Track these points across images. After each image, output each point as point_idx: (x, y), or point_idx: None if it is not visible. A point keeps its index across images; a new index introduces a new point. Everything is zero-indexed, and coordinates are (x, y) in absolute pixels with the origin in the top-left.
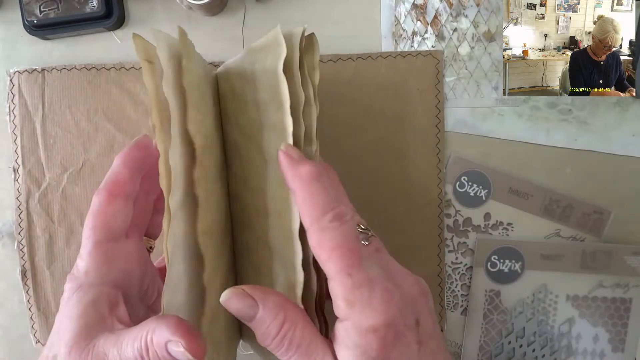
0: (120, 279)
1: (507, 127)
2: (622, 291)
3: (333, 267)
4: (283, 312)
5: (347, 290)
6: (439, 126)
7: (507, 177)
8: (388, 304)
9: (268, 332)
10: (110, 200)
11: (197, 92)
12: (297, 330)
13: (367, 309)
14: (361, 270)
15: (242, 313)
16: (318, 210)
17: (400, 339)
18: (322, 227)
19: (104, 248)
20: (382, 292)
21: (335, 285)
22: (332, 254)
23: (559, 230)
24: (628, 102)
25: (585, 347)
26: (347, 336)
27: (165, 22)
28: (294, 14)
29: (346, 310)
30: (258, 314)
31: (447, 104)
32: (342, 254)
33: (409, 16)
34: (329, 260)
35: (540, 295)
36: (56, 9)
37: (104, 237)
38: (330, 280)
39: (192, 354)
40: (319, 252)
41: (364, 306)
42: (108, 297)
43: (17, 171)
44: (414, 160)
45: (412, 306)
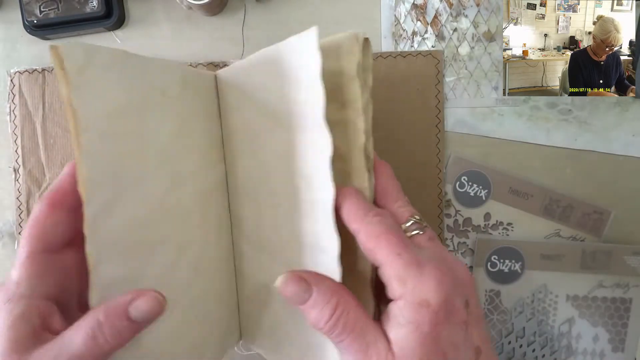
0: (54, 291)
1: (507, 127)
2: (622, 291)
3: (382, 252)
4: (336, 297)
5: (399, 268)
6: (439, 126)
7: (507, 177)
8: (440, 281)
9: (321, 316)
10: (51, 210)
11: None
12: (350, 314)
13: (419, 284)
14: (409, 251)
15: (295, 297)
16: (362, 212)
17: (450, 317)
18: (367, 222)
19: (38, 259)
20: (433, 271)
21: (386, 269)
22: (378, 241)
23: (559, 230)
24: (628, 102)
25: (585, 347)
26: (401, 314)
27: (165, 22)
28: (294, 14)
29: (399, 289)
30: (312, 297)
31: (447, 104)
32: (388, 239)
33: (409, 16)
34: (378, 247)
35: (540, 295)
36: (56, 9)
37: (39, 248)
38: (381, 267)
39: (159, 304)
40: (368, 244)
41: (415, 282)
42: (39, 309)
43: (17, 171)
44: (414, 160)
45: (462, 288)
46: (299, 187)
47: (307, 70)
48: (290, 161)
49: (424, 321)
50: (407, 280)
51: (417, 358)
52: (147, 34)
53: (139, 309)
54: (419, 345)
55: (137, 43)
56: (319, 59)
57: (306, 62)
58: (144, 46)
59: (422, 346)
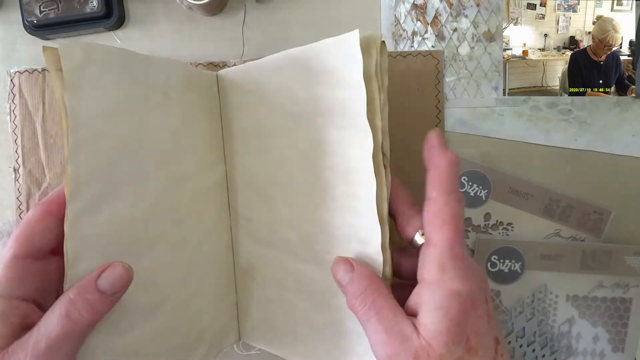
0: (33, 294)
1: (507, 127)
2: (622, 291)
3: (441, 235)
4: (369, 279)
5: (445, 258)
6: (439, 126)
7: (507, 177)
8: (471, 278)
9: (354, 292)
10: (44, 216)
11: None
12: (379, 297)
13: (455, 276)
14: (461, 246)
15: (341, 276)
16: (450, 188)
17: (476, 309)
18: (446, 201)
19: (20, 263)
20: (469, 267)
21: (434, 251)
22: (444, 224)
23: (559, 230)
24: (628, 102)
25: (585, 347)
26: (432, 298)
27: (165, 22)
28: (294, 14)
29: (437, 274)
30: (352, 277)
31: (447, 104)
32: (453, 229)
33: (409, 16)
34: (440, 229)
35: (540, 295)
36: (56, 9)
37: (23, 252)
38: (430, 246)
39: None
40: (434, 219)
41: (453, 274)
42: (19, 309)
43: (17, 171)
44: (414, 161)
45: (484, 286)
46: (331, 182)
47: (348, 71)
48: (317, 158)
49: (454, 308)
50: (448, 270)
51: (443, 341)
52: (147, 34)
53: (107, 280)
54: (446, 329)
55: (137, 43)
56: (361, 60)
57: (346, 63)
58: (144, 46)
59: (449, 330)
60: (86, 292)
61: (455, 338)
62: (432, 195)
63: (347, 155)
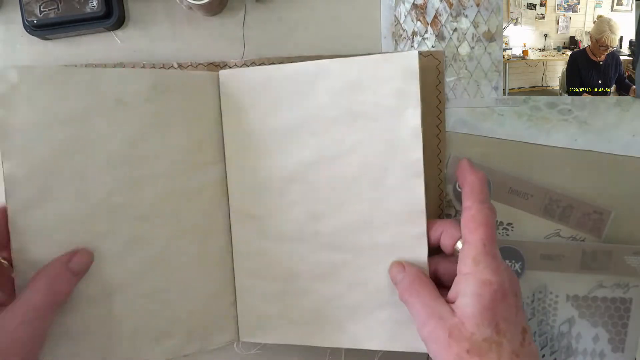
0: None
1: (507, 127)
2: (622, 291)
3: (475, 235)
4: (415, 275)
5: (478, 253)
6: (439, 126)
7: (507, 177)
8: (501, 271)
9: (405, 287)
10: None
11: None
12: (423, 288)
13: (487, 268)
14: (492, 245)
15: (394, 275)
16: (482, 198)
17: (505, 299)
18: (481, 208)
19: None
20: (501, 263)
21: (470, 248)
22: (479, 227)
23: (559, 230)
24: (628, 102)
25: (585, 347)
26: (467, 286)
27: (165, 22)
28: (294, 14)
29: (472, 266)
30: (403, 275)
31: (447, 104)
32: (486, 230)
33: (409, 16)
34: (475, 231)
35: (540, 295)
36: (56, 9)
37: None
38: (467, 244)
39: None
40: (470, 224)
41: (485, 266)
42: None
43: None
44: None
45: (515, 282)
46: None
47: (405, 82)
48: (360, 156)
49: (486, 295)
50: (480, 263)
51: (475, 321)
52: (147, 34)
53: (77, 262)
54: (479, 313)
55: (137, 43)
56: (418, 79)
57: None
58: (144, 46)
59: (481, 314)
60: (60, 271)
61: (486, 320)
62: (467, 205)
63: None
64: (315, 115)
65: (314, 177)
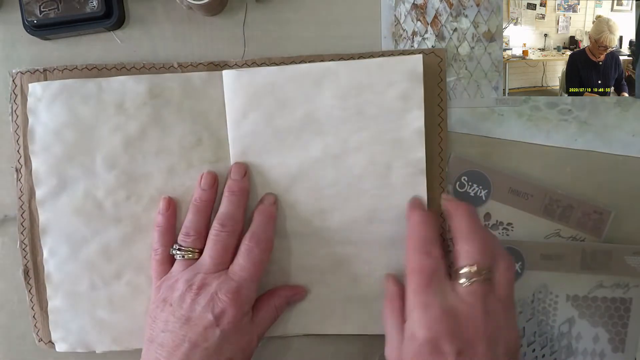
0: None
1: (507, 127)
2: (622, 291)
3: (408, 284)
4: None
5: (409, 303)
6: (441, 125)
7: (507, 177)
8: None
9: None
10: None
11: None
12: (393, 313)
13: (416, 322)
14: (425, 294)
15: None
16: (419, 245)
17: (435, 353)
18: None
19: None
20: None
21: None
22: (409, 274)
23: (559, 230)
24: (628, 102)
25: (585, 347)
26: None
27: (165, 22)
28: (294, 14)
29: (407, 313)
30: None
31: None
32: (417, 278)
33: (409, 16)
34: (409, 277)
35: (540, 295)
36: (56, 9)
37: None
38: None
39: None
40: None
41: (414, 320)
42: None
43: (19, 171)
44: None
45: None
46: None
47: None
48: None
49: (409, 350)
50: (411, 313)
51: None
52: (147, 34)
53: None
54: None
55: (137, 43)
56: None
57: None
58: (144, 46)
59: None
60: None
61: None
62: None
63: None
64: (320, 116)
65: (319, 174)
